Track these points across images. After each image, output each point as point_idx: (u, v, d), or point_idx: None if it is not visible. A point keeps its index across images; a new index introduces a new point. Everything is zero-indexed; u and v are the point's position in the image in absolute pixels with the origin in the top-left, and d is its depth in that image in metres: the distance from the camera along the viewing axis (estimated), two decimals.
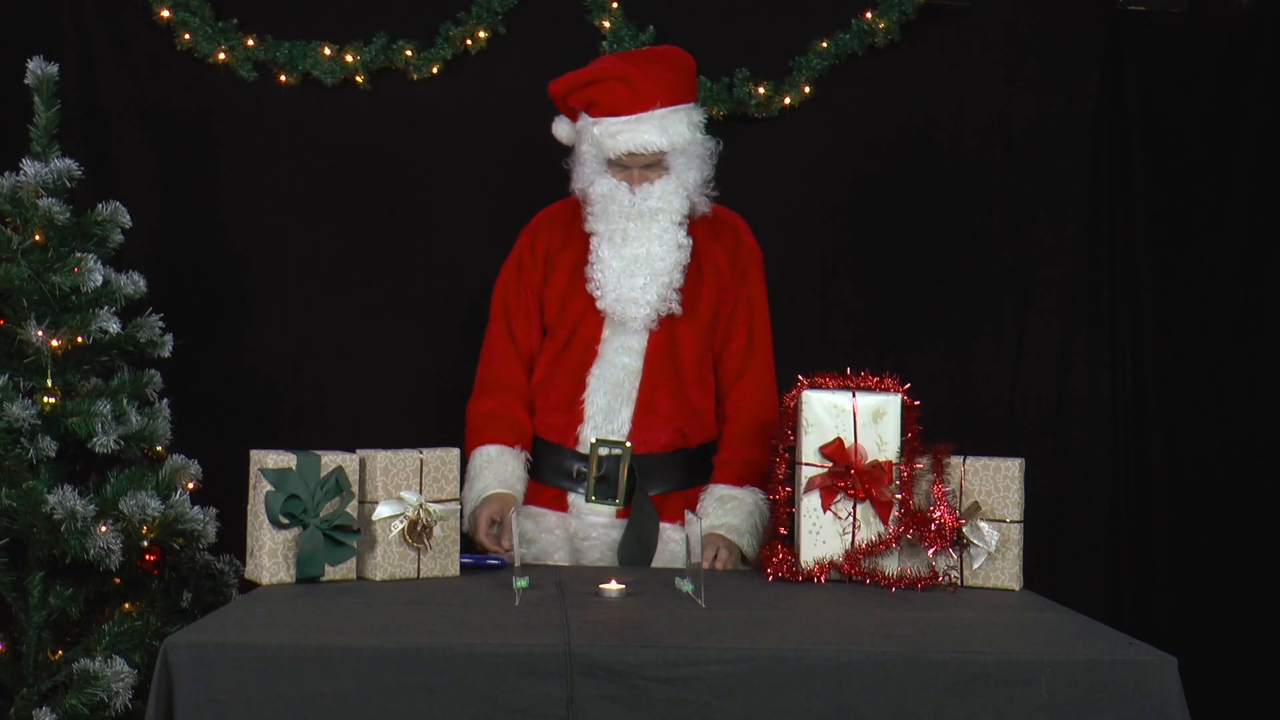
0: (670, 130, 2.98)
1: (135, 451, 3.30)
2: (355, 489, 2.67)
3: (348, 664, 2.09)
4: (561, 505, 3.06)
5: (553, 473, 3.07)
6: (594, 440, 3.01)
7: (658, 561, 3.02)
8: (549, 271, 3.10)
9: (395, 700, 2.08)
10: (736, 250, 3.14)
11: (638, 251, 2.98)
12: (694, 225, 3.07)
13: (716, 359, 3.12)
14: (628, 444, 3.00)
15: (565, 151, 3.11)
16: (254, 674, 2.08)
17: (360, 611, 2.39)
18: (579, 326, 3.05)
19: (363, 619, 2.33)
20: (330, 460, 2.65)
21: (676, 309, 3.01)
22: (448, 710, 2.09)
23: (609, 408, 3.01)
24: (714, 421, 3.11)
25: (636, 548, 3.01)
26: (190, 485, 3.35)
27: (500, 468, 3.03)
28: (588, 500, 3.04)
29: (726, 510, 3.01)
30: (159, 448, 3.35)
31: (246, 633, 2.21)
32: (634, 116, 2.96)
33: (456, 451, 2.79)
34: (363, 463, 2.71)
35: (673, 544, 3.01)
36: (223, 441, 3.69)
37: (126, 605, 3.30)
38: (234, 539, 3.47)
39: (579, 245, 3.07)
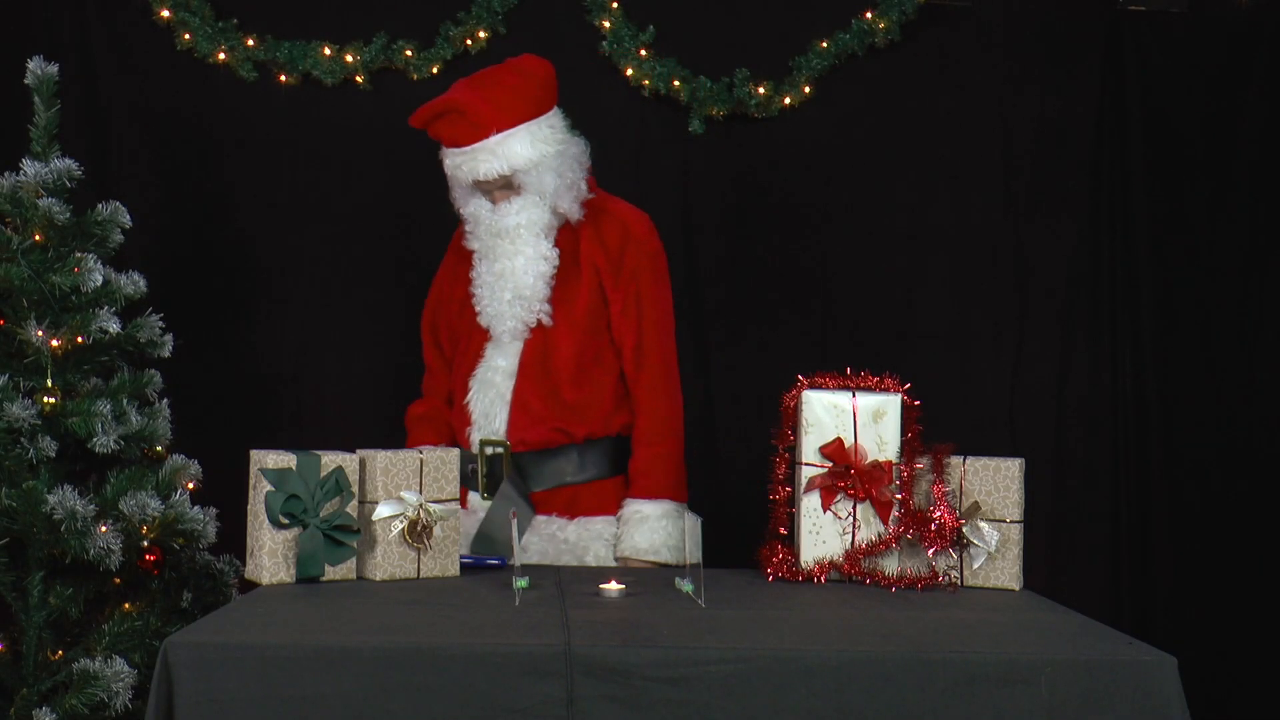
0: (507, 154, 3.06)
1: (135, 451, 3.30)
2: (355, 489, 2.68)
3: (348, 664, 2.09)
4: (463, 503, 3.07)
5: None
6: (480, 440, 3.14)
7: (547, 556, 3.10)
8: (459, 286, 3.24)
9: (395, 700, 2.08)
10: (623, 249, 3.17)
11: (503, 267, 3.10)
12: (573, 228, 3.15)
13: (619, 356, 3.20)
14: (507, 442, 3.12)
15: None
16: (254, 674, 2.08)
17: (360, 611, 2.39)
18: (472, 335, 3.21)
19: (363, 619, 2.33)
20: (330, 460, 2.65)
21: (546, 319, 3.12)
22: (448, 710, 2.09)
23: (488, 411, 3.14)
24: (611, 414, 3.18)
25: (488, 540, 3.11)
26: (190, 485, 3.34)
27: None
28: (482, 497, 3.16)
29: (638, 532, 3.10)
30: (159, 448, 3.35)
31: (246, 633, 2.21)
32: (470, 148, 3.06)
33: (457, 452, 2.79)
34: (363, 463, 2.71)
35: (565, 537, 3.13)
36: (223, 441, 3.69)
37: (126, 605, 3.30)
38: (234, 539, 3.47)
39: (469, 262, 3.22)
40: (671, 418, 3.18)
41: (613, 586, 2.61)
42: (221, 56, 3.95)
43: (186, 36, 3.93)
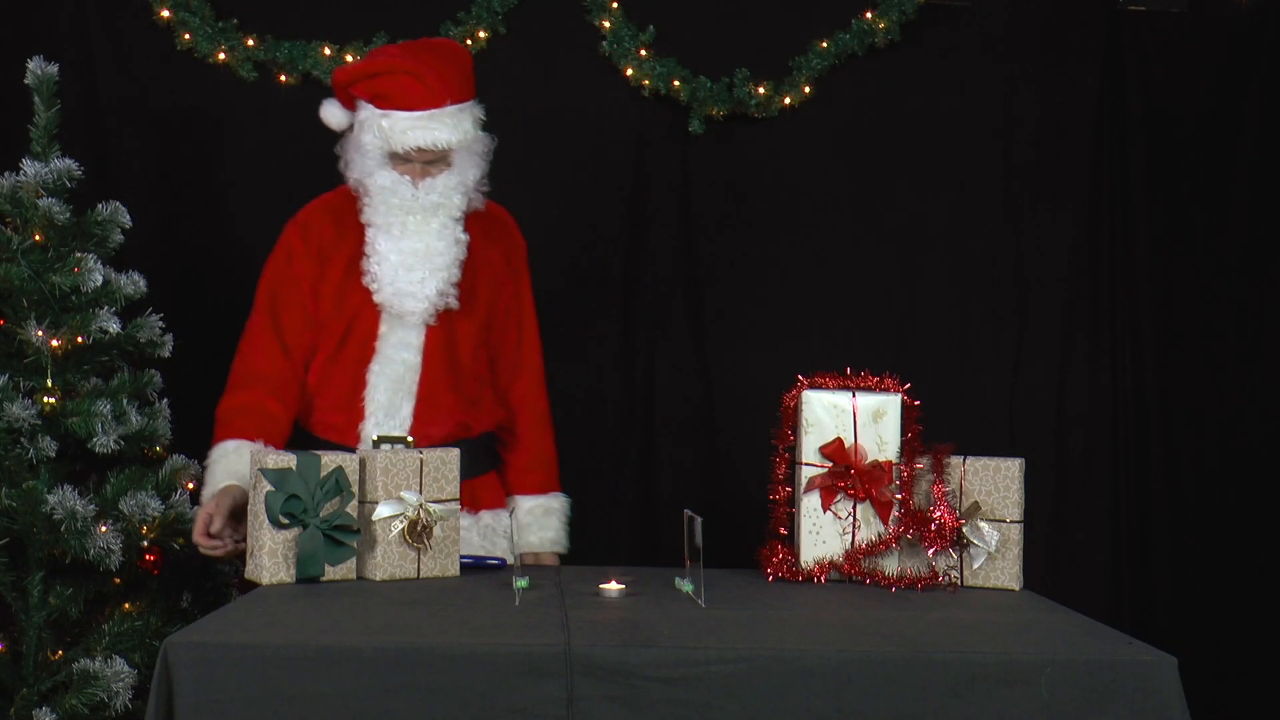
0: (460, 127, 2.99)
1: (135, 451, 3.30)
2: (355, 489, 2.68)
3: (348, 664, 2.09)
4: None
5: None
6: (375, 437, 2.93)
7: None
8: (324, 266, 3.05)
9: (395, 700, 2.08)
10: (511, 247, 3.20)
11: (416, 245, 2.97)
12: (469, 222, 3.08)
13: (494, 355, 3.17)
14: (409, 438, 2.94)
15: (335, 138, 3.11)
16: (254, 674, 2.08)
17: (360, 611, 2.39)
18: (355, 322, 3.03)
19: (363, 619, 2.33)
20: (330, 460, 2.65)
21: (454, 304, 3.02)
22: (448, 710, 2.09)
23: (390, 403, 3.01)
24: (492, 410, 3.16)
25: None
26: (190, 485, 3.34)
27: (235, 461, 2.92)
28: None
29: (546, 525, 3.18)
30: (159, 448, 3.35)
31: (246, 633, 2.21)
32: (427, 113, 2.95)
33: (457, 452, 2.79)
34: (363, 463, 2.71)
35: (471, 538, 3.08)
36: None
37: (126, 605, 3.30)
38: None
39: (354, 238, 3.04)
40: (549, 413, 3.25)
41: (613, 586, 2.61)
42: (221, 56, 3.94)
43: (186, 36, 3.93)
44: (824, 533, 2.82)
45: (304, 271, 3.04)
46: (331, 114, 3.12)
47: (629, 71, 4.01)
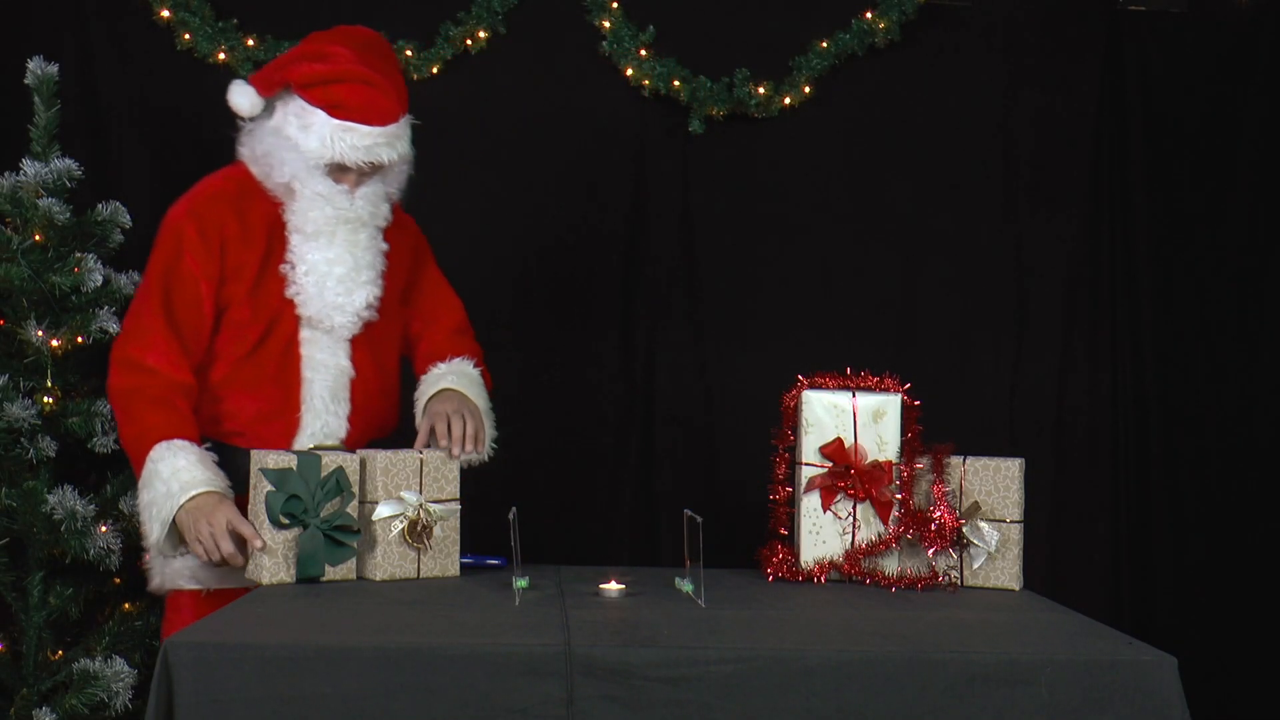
0: (405, 140, 2.92)
1: None
2: (356, 489, 2.68)
3: (348, 664, 2.10)
4: None
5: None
6: (310, 447, 2.83)
7: None
8: (229, 264, 2.84)
9: (395, 700, 2.08)
10: (416, 244, 3.14)
11: (345, 257, 2.85)
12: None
13: (411, 325, 3.11)
14: (343, 447, 2.87)
15: (232, 123, 2.96)
16: (254, 674, 2.08)
17: (360, 611, 2.39)
18: (274, 327, 2.87)
19: (363, 619, 2.33)
20: (331, 460, 2.65)
21: (375, 315, 2.92)
22: (448, 710, 2.09)
23: (327, 413, 2.88)
24: (399, 405, 3.08)
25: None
26: None
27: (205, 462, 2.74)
28: None
29: (449, 375, 3.00)
30: None
31: (246, 633, 2.21)
32: (388, 129, 2.84)
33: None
34: (363, 463, 2.71)
35: None
36: None
37: (126, 605, 3.30)
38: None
39: (261, 236, 2.86)
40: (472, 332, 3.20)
41: (613, 586, 2.61)
42: (221, 56, 3.94)
43: (186, 36, 3.93)
44: (824, 533, 2.82)
45: (201, 269, 2.82)
46: (244, 99, 2.92)
47: (629, 71, 4.01)
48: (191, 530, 2.65)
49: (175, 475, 2.68)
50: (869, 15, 4.05)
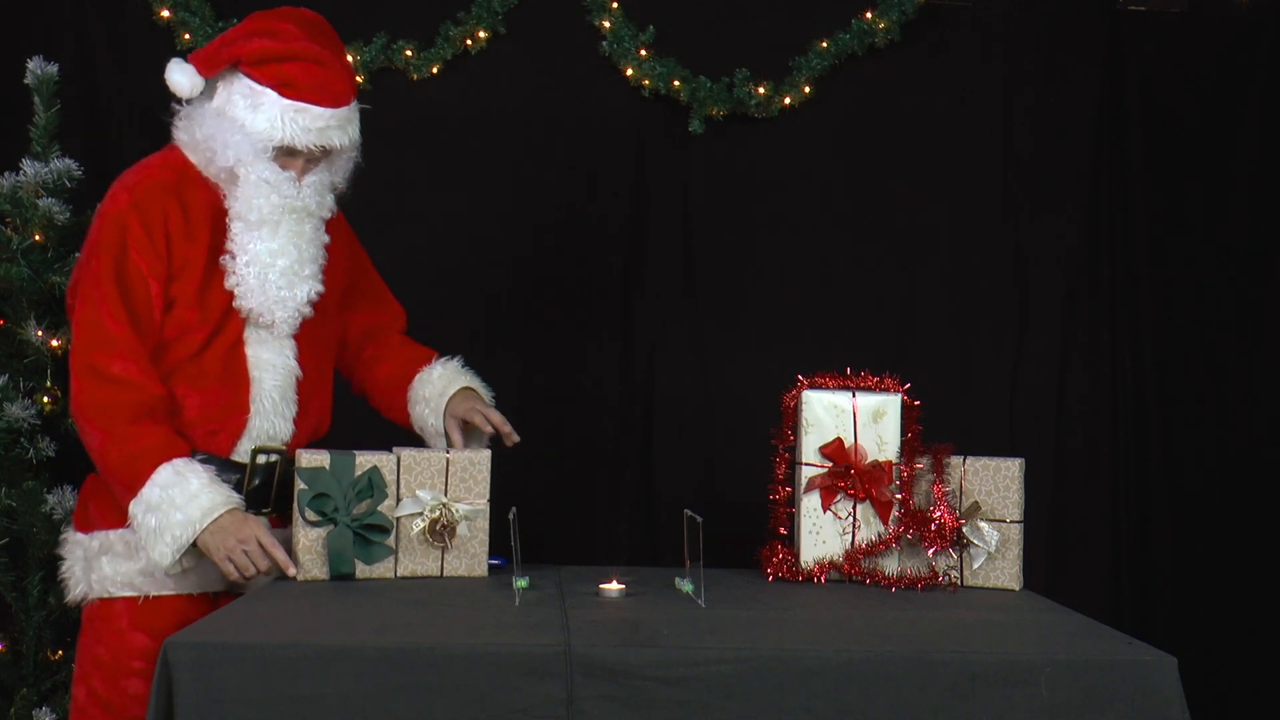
0: (355, 126, 2.79)
1: None
2: (391, 488, 2.69)
3: (348, 664, 2.10)
4: (275, 522, 2.80)
5: None
6: (253, 449, 2.75)
7: None
8: (175, 260, 2.67)
9: (395, 700, 2.08)
10: (352, 244, 3.04)
11: (289, 248, 2.70)
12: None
13: (351, 319, 3.03)
14: (284, 449, 2.79)
15: (165, 104, 2.83)
16: (254, 674, 2.08)
17: (360, 611, 2.40)
18: (224, 325, 2.71)
19: (363, 619, 2.33)
20: (365, 460, 2.67)
21: (311, 312, 2.79)
22: (448, 710, 2.09)
23: (275, 414, 2.77)
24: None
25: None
26: None
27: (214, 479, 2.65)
28: (261, 513, 2.77)
29: (461, 371, 3.01)
30: None
31: (246, 633, 2.21)
32: (340, 111, 2.71)
33: (488, 453, 2.80)
34: (398, 461, 2.73)
35: None
36: None
37: None
38: None
39: (205, 228, 2.70)
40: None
41: (613, 586, 2.61)
42: None
43: (186, 36, 3.93)
44: (824, 533, 2.82)
45: (149, 266, 2.64)
46: (184, 79, 2.73)
47: (629, 71, 4.00)
48: (220, 550, 2.58)
49: (194, 500, 2.58)
50: (869, 15, 4.05)
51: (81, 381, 2.62)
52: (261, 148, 2.66)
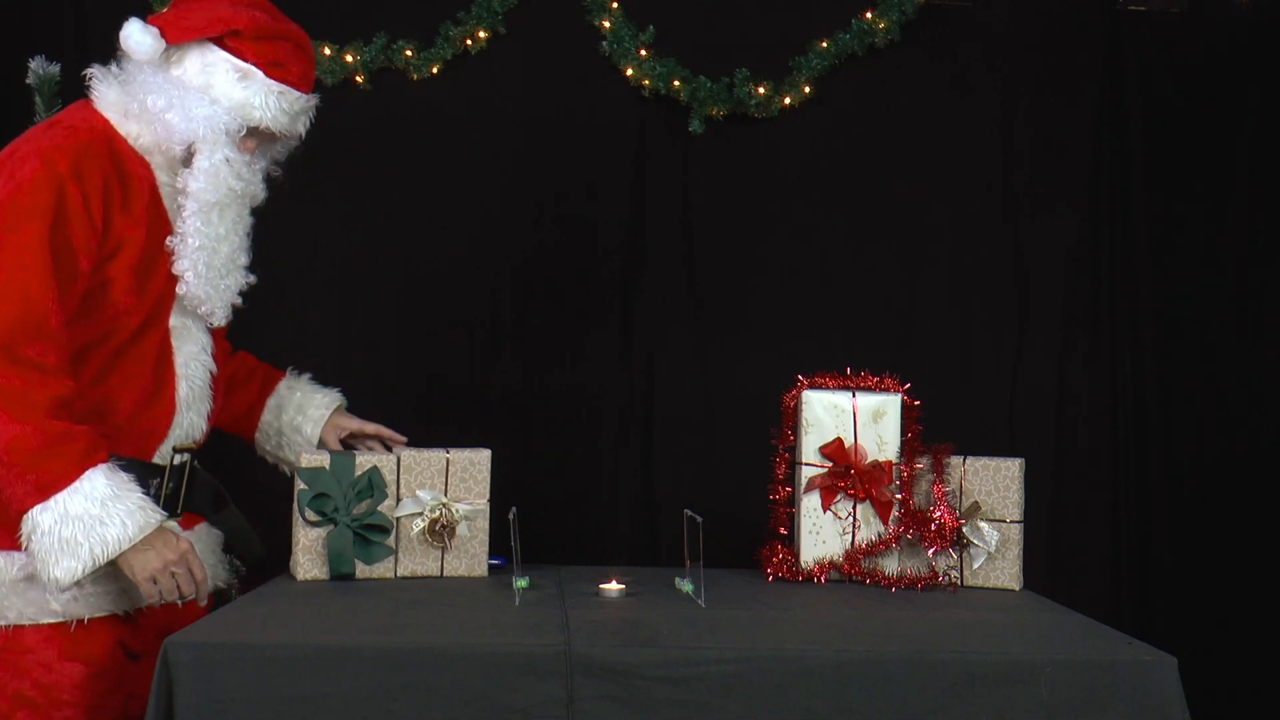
0: (309, 116, 2.68)
1: None
2: (391, 488, 2.69)
3: (348, 664, 2.10)
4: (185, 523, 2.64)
5: None
6: (173, 449, 2.59)
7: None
8: (111, 237, 2.43)
9: (395, 700, 2.09)
10: None
11: (231, 235, 2.55)
12: None
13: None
14: (195, 447, 2.65)
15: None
16: (254, 674, 2.08)
17: (360, 611, 2.40)
18: (157, 313, 2.52)
19: (363, 619, 2.33)
20: (365, 460, 2.67)
21: (240, 302, 2.67)
22: (448, 710, 2.09)
23: (193, 411, 2.61)
24: None
25: (245, 544, 2.78)
26: None
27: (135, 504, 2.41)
28: (174, 516, 2.59)
29: (318, 388, 2.97)
30: None
31: (246, 633, 2.21)
32: (312, 98, 2.62)
33: (487, 453, 2.80)
34: (398, 462, 2.74)
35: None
36: (222, 441, 3.69)
37: None
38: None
39: (141, 202, 2.48)
40: None
41: (613, 586, 2.61)
42: None
43: None
44: (824, 533, 2.83)
45: (82, 242, 2.37)
46: (149, 39, 2.46)
47: (629, 71, 4.00)
48: (146, 570, 2.36)
49: (132, 516, 2.35)
50: (869, 15, 4.04)
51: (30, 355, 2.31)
52: (236, 126, 2.50)
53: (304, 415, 2.92)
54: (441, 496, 2.72)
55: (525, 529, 2.64)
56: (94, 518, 2.31)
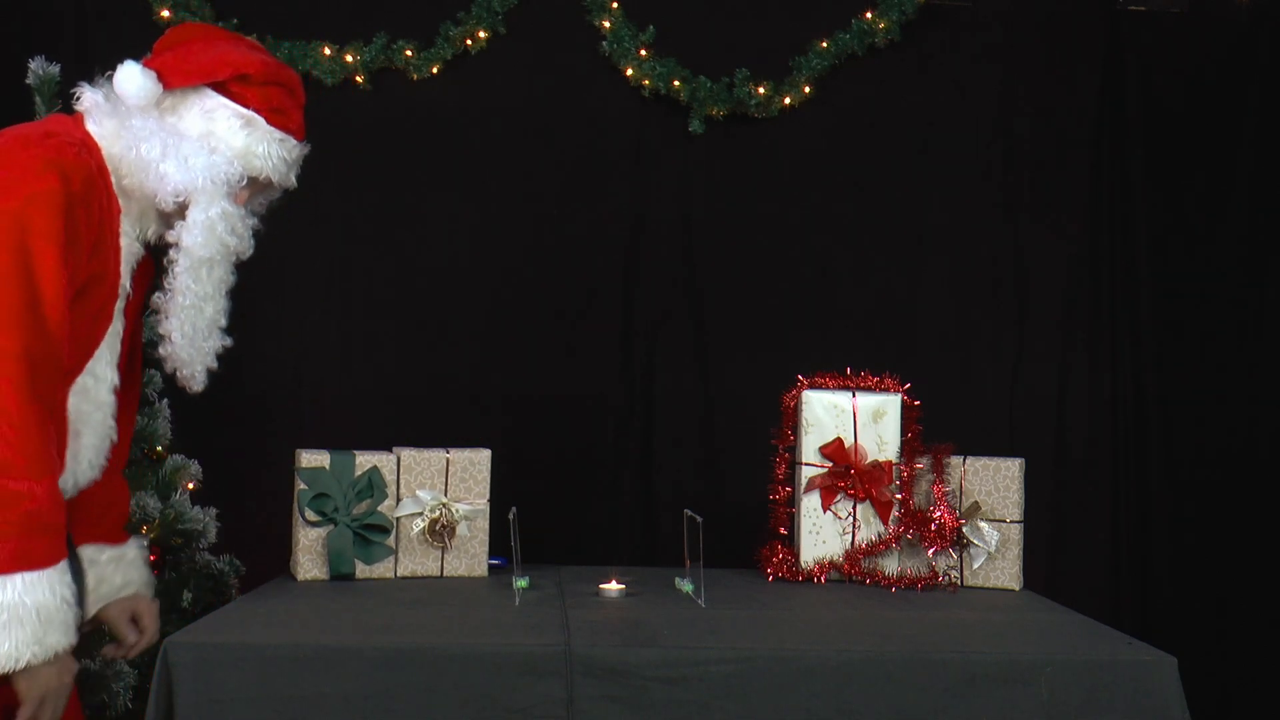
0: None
1: (135, 451, 3.30)
2: (391, 488, 2.70)
3: (348, 664, 2.10)
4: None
5: None
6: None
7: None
8: (80, 277, 2.17)
9: (395, 700, 2.09)
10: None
11: (215, 294, 2.33)
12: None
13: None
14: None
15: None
16: (254, 674, 2.08)
17: (360, 611, 2.39)
18: (81, 364, 2.23)
19: (363, 619, 2.33)
20: (365, 460, 2.67)
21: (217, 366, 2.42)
22: (448, 710, 2.09)
23: (96, 453, 2.29)
24: None
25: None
26: (190, 485, 3.35)
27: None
28: None
29: (136, 563, 2.45)
30: (159, 448, 3.35)
31: (246, 633, 2.21)
32: (305, 144, 2.42)
33: (487, 453, 2.80)
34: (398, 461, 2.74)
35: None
36: (223, 441, 3.70)
37: None
38: (234, 539, 3.48)
39: (111, 233, 2.24)
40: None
41: (613, 586, 2.61)
42: None
43: None
44: (824, 533, 2.82)
45: (72, 272, 2.13)
46: (143, 83, 2.30)
47: (629, 71, 4.00)
48: (39, 688, 2.02)
49: (68, 631, 2.05)
50: (869, 15, 4.05)
51: (22, 399, 2.02)
52: (237, 176, 2.32)
53: (106, 583, 2.43)
54: (441, 496, 2.72)
55: (525, 529, 2.64)
56: (48, 615, 2.02)
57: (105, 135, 2.28)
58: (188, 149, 2.28)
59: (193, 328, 2.32)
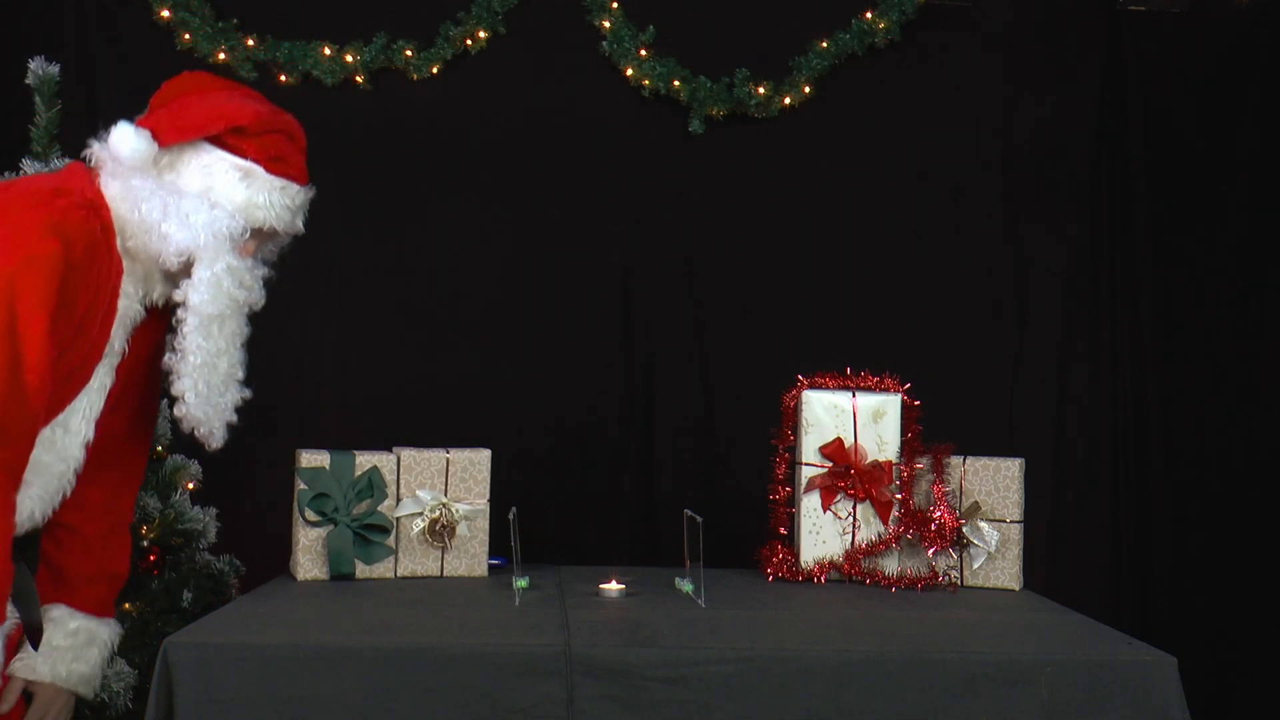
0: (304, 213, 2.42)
1: None
2: (391, 488, 2.70)
3: (348, 664, 2.10)
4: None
5: None
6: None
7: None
8: (74, 328, 2.14)
9: (395, 700, 2.08)
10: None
11: (230, 348, 2.29)
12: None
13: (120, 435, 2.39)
14: None
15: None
16: (254, 674, 2.08)
17: (360, 611, 2.40)
18: (67, 401, 2.20)
19: (363, 619, 2.33)
20: (365, 460, 2.67)
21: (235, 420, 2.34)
22: (448, 710, 2.09)
23: (43, 513, 2.24)
24: None
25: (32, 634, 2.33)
26: (190, 485, 3.34)
27: None
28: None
29: (84, 656, 2.32)
30: (159, 448, 3.35)
31: (246, 633, 2.21)
32: (306, 190, 2.37)
33: (487, 453, 2.80)
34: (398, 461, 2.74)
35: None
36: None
37: (126, 605, 3.30)
38: (234, 539, 3.48)
39: (107, 296, 2.20)
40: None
41: (613, 586, 2.61)
42: (221, 56, 3.94)
43: (186, 36, 3.93)
44: (824, 533, 2.83)
45: (61, 333, 2.10)
46: (139, 144, 2.29)
47: (629, 71, 4.00)
48: None
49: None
50: (869, 15, 4.05)
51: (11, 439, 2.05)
52: (240, 229, 2.27)
53: (48, 644, 2.34)
54: (441, 496, 2.72)
55: (525, 529, 2.64)
56: None
57: (114, 196, 2.25)
58: (188, 206, 2.24)
59: (206, 385, 2.25)
